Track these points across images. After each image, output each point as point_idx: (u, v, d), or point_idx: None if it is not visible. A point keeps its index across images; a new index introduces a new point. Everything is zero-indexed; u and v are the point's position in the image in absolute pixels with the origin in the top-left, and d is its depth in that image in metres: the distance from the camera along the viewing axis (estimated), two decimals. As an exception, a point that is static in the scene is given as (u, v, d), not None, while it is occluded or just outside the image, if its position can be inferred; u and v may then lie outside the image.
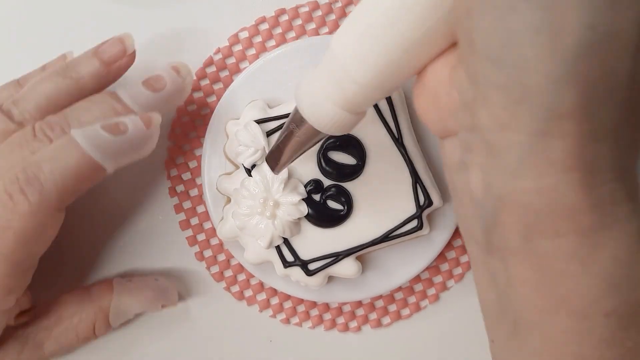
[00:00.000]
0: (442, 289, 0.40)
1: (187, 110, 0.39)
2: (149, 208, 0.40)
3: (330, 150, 0.35)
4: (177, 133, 0.39)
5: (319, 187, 0.35)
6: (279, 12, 0.39)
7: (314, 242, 0.35)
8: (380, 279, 0.38)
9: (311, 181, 0.35)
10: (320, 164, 0.35)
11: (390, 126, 0.35)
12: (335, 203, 0.35)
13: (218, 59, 0.39)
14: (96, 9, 0.39)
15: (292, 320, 0.40)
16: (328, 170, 0.34)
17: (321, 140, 0.30)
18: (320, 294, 0.38)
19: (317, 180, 0.35)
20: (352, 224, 0.35)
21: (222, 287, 0.40)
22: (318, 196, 0.35)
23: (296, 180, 0.34)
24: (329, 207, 0.35)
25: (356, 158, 0.35)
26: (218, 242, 0.39)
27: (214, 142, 0.37)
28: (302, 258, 0.35)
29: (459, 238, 0.40)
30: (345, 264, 0.35)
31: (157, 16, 0.39)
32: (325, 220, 0.35)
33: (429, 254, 0.38)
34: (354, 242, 0.35)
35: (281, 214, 0.34)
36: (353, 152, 0.35)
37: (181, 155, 0.39)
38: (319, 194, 0.35)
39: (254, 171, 0.34)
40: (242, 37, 0.39)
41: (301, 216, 0.34)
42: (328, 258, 0.35)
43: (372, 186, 0.35)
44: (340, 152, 0.35)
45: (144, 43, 0.39)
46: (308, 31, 0.39)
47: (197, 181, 0.39)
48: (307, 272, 0.35)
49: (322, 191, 0.35)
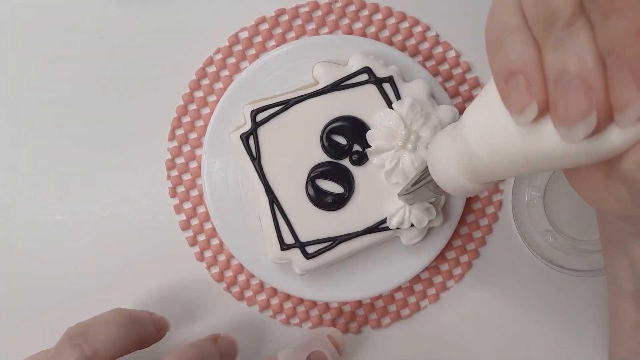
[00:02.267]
0: (442, 289, 0.40)
1: (187, 110, 0.39)
2: (149, 208, 0.40)
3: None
4: (177, 133, 0.39)
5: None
6: (279, 12, 0.39)
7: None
8: (380, 279, 0.38)
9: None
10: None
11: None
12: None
13: (218, 59, 0.39)
14: (96, 9, 0.39)
15: (292, 320, 0.40)
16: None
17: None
18: (320, 294, 0.38)
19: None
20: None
21: (222, 287, 0.40)
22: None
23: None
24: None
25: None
26: (218, 242, 0.39)
27: (214, 143, 0.37)
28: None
29: (459, 238, 0.40)
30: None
31: (157, 16, 0.39)
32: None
33: (429, 254, 0.38)
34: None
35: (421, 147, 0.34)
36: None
37: (181, 156, 0.39)
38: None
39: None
40: (242, 37, 0.39)
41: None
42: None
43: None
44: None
45: (144, 43, 0.39)
46: (308, 31, 0.39)
47: (197, 181, 0.39)
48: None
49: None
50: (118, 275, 0.39)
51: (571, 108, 0.18)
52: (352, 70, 0.35)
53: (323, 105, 0.35)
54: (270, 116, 0.35)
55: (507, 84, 0.20)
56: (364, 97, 0.35)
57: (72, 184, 0.39)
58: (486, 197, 0.40)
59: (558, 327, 0.40)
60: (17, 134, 0.39)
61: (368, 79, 0.35)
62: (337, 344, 0.35)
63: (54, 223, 0.39)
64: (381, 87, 0.35)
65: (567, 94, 0.18)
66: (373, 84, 0.35)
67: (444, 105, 0.36)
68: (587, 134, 0.19)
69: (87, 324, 0.32)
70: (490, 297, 0.40)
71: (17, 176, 0.39)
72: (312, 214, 0.35)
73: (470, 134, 0.23)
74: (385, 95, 0.35)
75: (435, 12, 0.39)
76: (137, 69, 0.39)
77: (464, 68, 0.39)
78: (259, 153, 0.35)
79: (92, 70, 0.39)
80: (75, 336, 0.31)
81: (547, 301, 0.40)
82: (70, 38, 0.39)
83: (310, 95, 0.35)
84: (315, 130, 0.35)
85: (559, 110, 0.19)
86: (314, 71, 0.36)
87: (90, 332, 0.31)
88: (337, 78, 0.35)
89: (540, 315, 0.40)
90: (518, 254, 0.40)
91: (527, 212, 0.40)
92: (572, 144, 0.19)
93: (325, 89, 0.35)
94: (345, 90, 0.35)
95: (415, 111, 0.34)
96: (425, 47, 0.39)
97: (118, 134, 0.39)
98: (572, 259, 0.40)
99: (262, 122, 0.35)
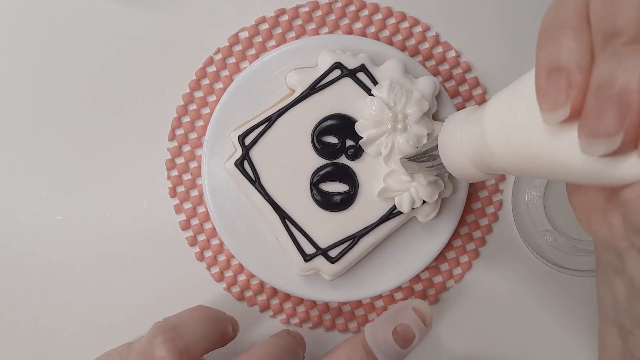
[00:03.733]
0: (442, 289, 0.40)
1: (187, 110, 0.39)
2: (149, 208, 0.40)
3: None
4: (177, 133, 0.39)
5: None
6: (279, 12, 0.39)
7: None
8: (380, 279, 0.38)
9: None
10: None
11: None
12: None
13: (218, 59, 0.39)
14: (96, 9, 0.39)
15: (292, 320, 0.40)
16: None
17: None
18: (320, 294, 0.38)
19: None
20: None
21: (222, 287, 0.40)
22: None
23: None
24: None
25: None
26: (218, 242, 0.39)
27: (214, 142, 0.37)
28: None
29: (459, 238, 0.40)
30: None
31: (157, 16, 0.39)
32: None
33: (429, 254, 0.38)
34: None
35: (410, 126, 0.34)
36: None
37: (181, 156, 0.39)
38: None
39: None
40: (242, 37, 0.39)
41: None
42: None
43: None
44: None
45: (145, 43, 0.39)
46: (308, 31, 0.39)
47: (197, 181, 0.39)
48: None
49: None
50: (118, 275, 0.39)
51: (601, 122, 0.18)
52: (323, 70, 0.35)
53: (306, 111, 0.35)
54: (258, 136, 0.35)
55: (548, 79, 0.20)
56: (342, 92, 0.35)
57: (72, 184, 0.39)
58: (486, 197, 0.40)
59: (558, 326, 0.40)
60: (17, 134, 0.39)
61: (341, 73, 0.35)
62: (424, 315, 0.34)
63: (54, 223, 0.39)
64: (356, 78, 0.35)
65: (603, 107, 0.18)
66: (347, 76, 0.35)
67: (422, 77, 0.36)
68: (606, 153, 0.18)
69: (177, 319, 0.32)
70: (490, 297, 0.40)
71: (17, 176, 0.39)
72: (325, 219, 0.35)
73: (489, 122, 0.23)
74: (362, 84, 0.35)
75: (435, 12, 0.39)
76: (137, 69, 0.39)
77: (464, 68, 0.39)
78: (257, 175, 0.35)
79: (93, 71, 0.39)
80: (167, 331, 0.31)
81: (547, 301, 0.40)
82: (70, 38, 0.39)
83: (290, 105, 0.35)
84: (305, 137, 0.35)
85: (588, 121, 0.18)
86: (287, 80, 0.36)
87: (181, 327, 0.31)
88: (312, 81, 0.35)
89: (540, 315, 0.40)
90: (518, 254, 0.40)
91: (527, 212, 0.40)
92: (588, 159, 0.19)
93: (303, 95, 0.35)
94: (322, 91, 0.35)
95: (395, 91, 0.34)
96: (425, 47, 0.39)
97: (118, 134, 0.39)
98: (572, 258, 0.40)
99: (252, 144, 0.35)
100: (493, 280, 0.40)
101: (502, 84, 0.39)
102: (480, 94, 0.40)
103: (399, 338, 0.33)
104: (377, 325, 0.34)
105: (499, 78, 0.40)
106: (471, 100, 0.39)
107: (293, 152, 0.35)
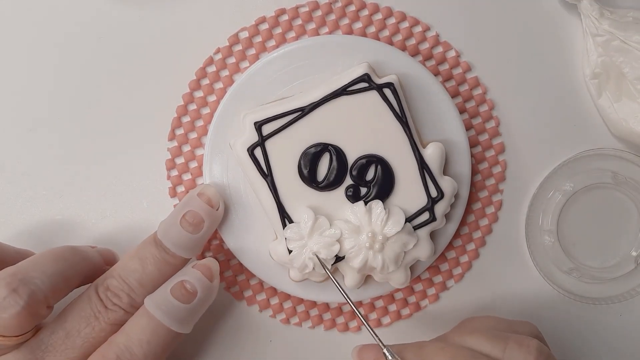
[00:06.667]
0: (442, 289, 0.40)
1: (187, 110, 0.39)
2: (149, 208, 0.40)
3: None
4: (177, 133, 0.39)
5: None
6: (278, 12, 0.39)
7: None
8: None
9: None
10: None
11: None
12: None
13: (218, 59, 0.39)
14: (96, 9, 0.39)
15: (292, 320, 0.40)
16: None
17: None
18: (320, 294, 0.38)
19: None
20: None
21: (222, 287, 0.40)
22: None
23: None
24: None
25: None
26: (218, 242, 0.39)
27: (215, 143, 0.37)
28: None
29: (459, 238, 0.40)
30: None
31: (157, 16, 0.39)
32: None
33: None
34: None
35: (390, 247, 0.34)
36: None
37: (181, 156, 0.39)
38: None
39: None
40: (242, 37, 0.39)
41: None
42: None
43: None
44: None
45: (144, 43, 0.39)
46: (308, 31, 0.39)
47: (198, 181, 0.39)
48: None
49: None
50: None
51: None
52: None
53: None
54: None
55: None
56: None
57: (72, 183, 0.39)
58: (486, 197, 0.40)
59: (558, 326, 0.40)
60: (17, 133, 0.39)
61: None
62: (209, 200, 0.35)
63: (54, 223, 0.39)
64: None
65: None
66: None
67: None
68: None
69: (18, 266, 0.31)
70: (490, 297, 0.40)
71: (17, 176, 0.39)
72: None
73: None
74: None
75: (435, 12, 0.39)
76: (137, 69, 0.39)
77: (464, 68, 0.39)
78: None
79: (92, 70, 0.39)
80: (9, 282, 0.30)
81: (547, 300, 0.40)
82: (69, 38, 0.39)
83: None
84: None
85: None
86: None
87: (23, 273, 0.31)
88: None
89: (540, 315, 0.40)
90: (518, 254, 0.40)
91: (547, 256, 0.40)
92: None
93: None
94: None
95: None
96: (425, 47, 0.39)
97: (118, 133, 0.39)
98: (592, 287, 0.40)
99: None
100: (493, 281, 0.40)
101: (502, 84, 0.40)
102: (481, 94, 0.40)
103: (187, 225, 0.34)
104: (167, 218, 0.35)
105: (499, 78, 0.40)
106: (471, 100, 0.40)
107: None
